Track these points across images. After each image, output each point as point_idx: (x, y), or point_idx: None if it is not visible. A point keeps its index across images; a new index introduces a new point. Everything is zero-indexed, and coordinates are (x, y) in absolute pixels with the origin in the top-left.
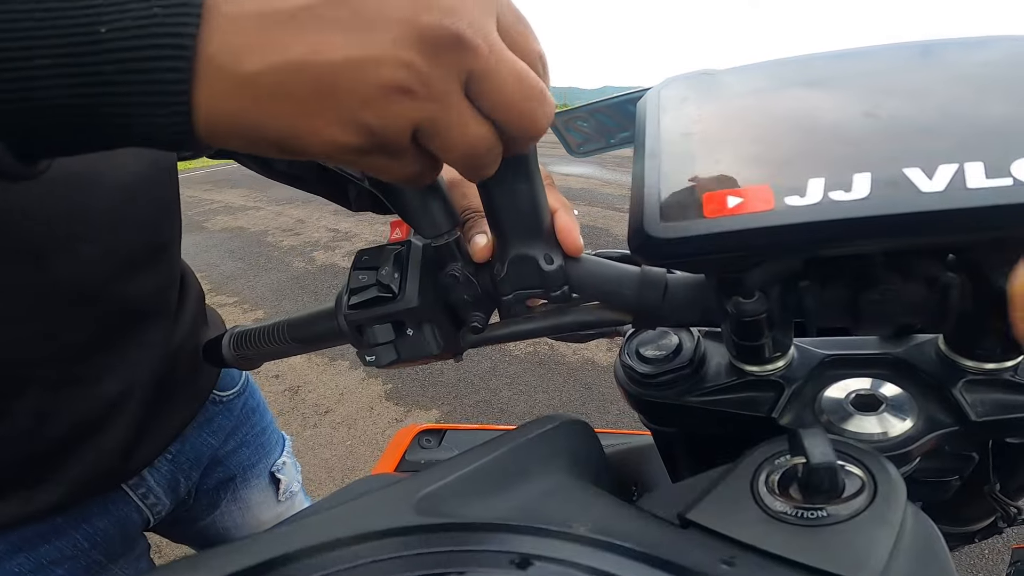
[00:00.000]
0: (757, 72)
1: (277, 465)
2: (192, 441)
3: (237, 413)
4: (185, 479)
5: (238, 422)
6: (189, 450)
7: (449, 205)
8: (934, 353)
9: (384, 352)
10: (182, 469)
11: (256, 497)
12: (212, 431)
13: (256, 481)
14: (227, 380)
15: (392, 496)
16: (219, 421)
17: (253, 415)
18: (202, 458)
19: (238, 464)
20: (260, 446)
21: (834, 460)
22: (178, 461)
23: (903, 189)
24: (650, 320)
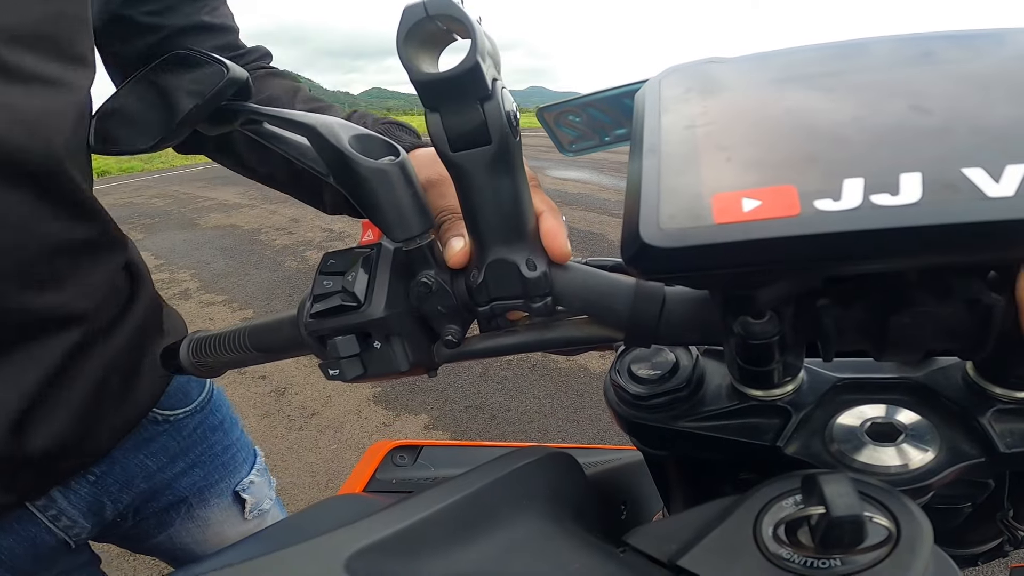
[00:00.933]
0: (772, 60)
1: (243, 484)
2: (123, 463)
3: (189, 433)
4: (112, 502)
5: (190, 442)
6: (119, 472)
7: (422, 204)
8: (960, 379)
9: (349, 366)
10: (108, 492)
11: (217, 516)
12: (151, 452)
13: (216, 500)
14: (176, 398)
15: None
16: (162, 442)
17: (212, 434)
18: (135, 480)
19: (190, 486)
20: (221, 465)
21: (860, 512)
22: (104, 483)
23: (964, 193)
24: (644, 339)
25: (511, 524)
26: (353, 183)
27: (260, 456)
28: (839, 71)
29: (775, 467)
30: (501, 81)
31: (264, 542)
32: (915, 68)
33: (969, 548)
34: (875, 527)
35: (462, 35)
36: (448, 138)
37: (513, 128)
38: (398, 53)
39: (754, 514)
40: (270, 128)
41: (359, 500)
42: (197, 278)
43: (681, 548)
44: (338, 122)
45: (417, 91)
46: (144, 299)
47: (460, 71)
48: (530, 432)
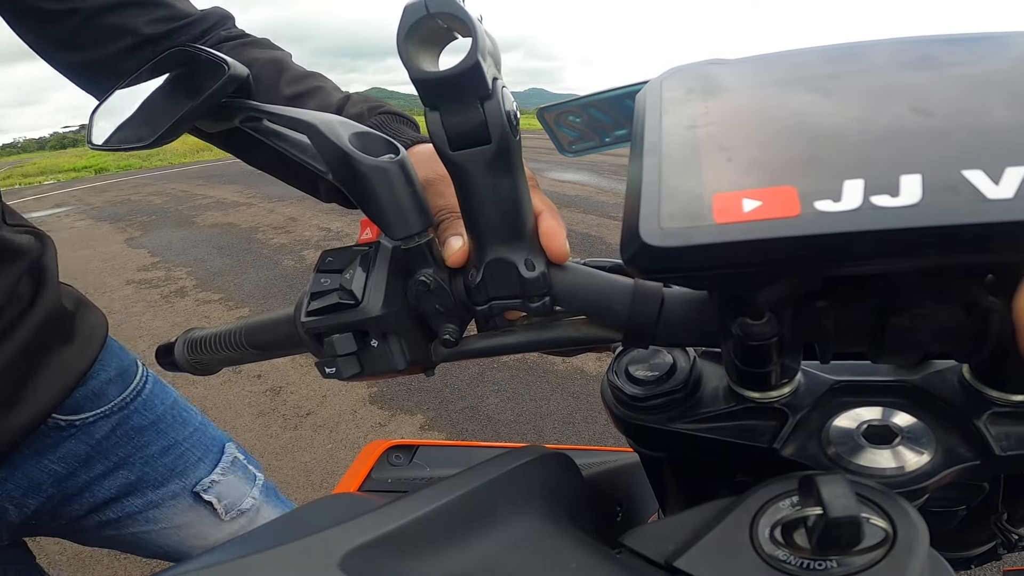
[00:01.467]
0: (774, 62)
1: (202, 484)
2: (24, 469)
3: (105, 436)
4: (16, 507)
5: (108, 445)
6: (20, 477)
7: (422, 203)
8: (957, 382)
9: (346, 364)
10: (10, 497)
11: (182, 517)
12: (57, 458)
13: (172, 503)
14: (85, 401)
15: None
16: (69, 446)
17: (140, 435)
18: (41, 485)
19: (120, 487)
20: (163, 467)
21: (857, 513)
22: (4, 488)
23: (964, 195)
24: (642, 339)
25: (507, 524)
26: (353, 181)
27: (229, 452)
28: (840, 73)
29: (771, 469)
30: (501, 80)
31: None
32: (916, 71)
33: (963, 551)
34: (872, 528)
35: (463, 34)
36: (448, 137)
37: (513, 128)
38: (398, 51)
39: (751, 515)
40: (270, 125)
41: (354, 499)
42: (193, 276)
43: (677, 549)
44: (338, 120)
45: (417, 89)
46: (46, 305)
47: (460, 70)
48: (526, 433)
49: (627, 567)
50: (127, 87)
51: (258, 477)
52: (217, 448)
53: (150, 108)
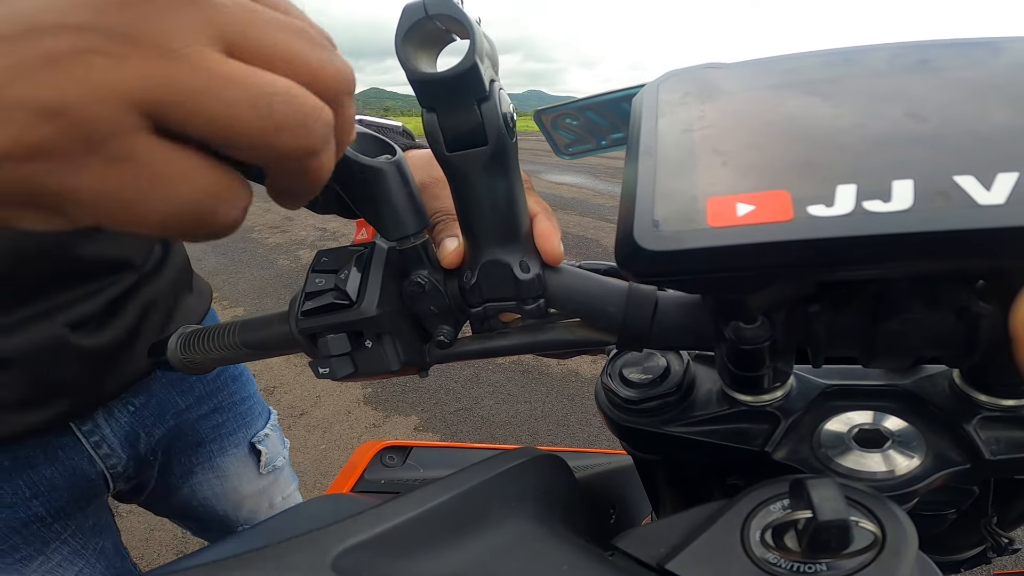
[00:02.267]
0: (770, 66)
1: (259, 436)
2: (159, 396)
3: (213, 378)
4: (146, 434)
5: (214, 387)
6: (155, 404)
7: (418, 204)
8: (947, 387)
9: (339, 364)
10: (144, 424)
11: (234, 467)
12: (182, 391)
13: (234, 450)
14: None
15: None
16: (191, 382)
17: (233, 383)
18: (166, 415)
19: (212, 429)
20: (239, 415)
21: (847, 517)
22: (141, 414)
23: (955, 201)
24: (636, 342)
25: (500, 525)
26: (349, 181)
27: (274, 415)
28: (835, 78)
29: (763, 472)
30: (499, 82)
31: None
32: (910, 76)
33: (953, 554)
34: (861, 532)
35: (461, 35)
36: (444, 138)
37: (509, 130)
38: (396, 52)
39: (742, 518)
40: None
41: (347, 500)
42: None
43: (669, 552)
44: None
45: (414, 90)
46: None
47: (458, 72)
48: (520, 435)
49: (619, 569)
50: None
51: (287, 442)
52: (266, 409)
53: None
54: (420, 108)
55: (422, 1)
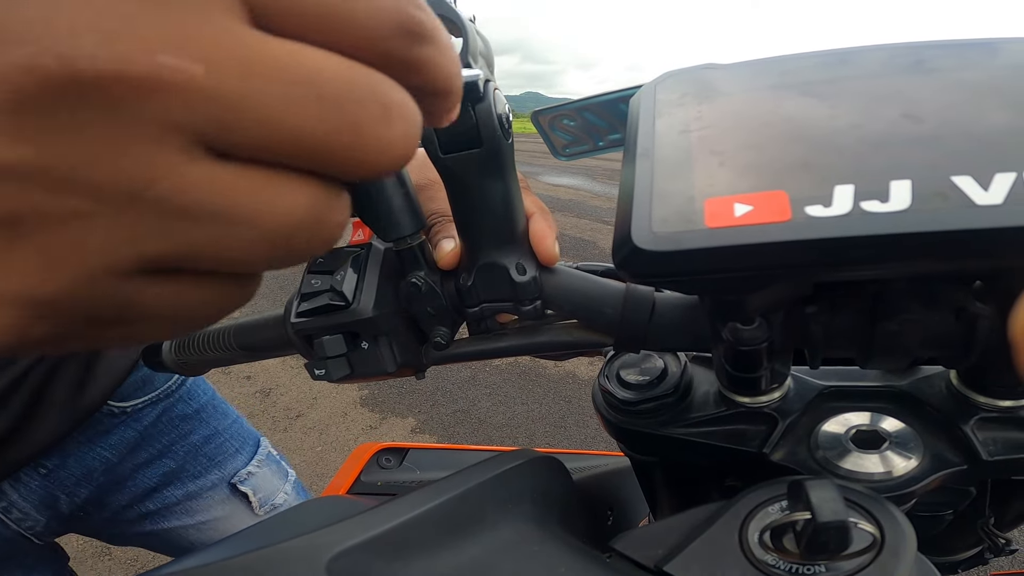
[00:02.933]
0: (767, 67)
1: (239, 476)
2: (77, 456)
3: (152, 422)
4: (67, 495)
5: (154, 431)
6: (73, 464)
7: (415, 206)
8: (944, 388)
9: (335, 366)
10: (62, 485)
11: (220, 511)
12: (109, 445)
13: (210, 494)
14: (133, 388)
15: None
16: (119, 433)
17: (184, 423)
18: (93, 473)
19: (161, 476)
20: (203, 456)
21: (846, 518)
22: (56, 477)
23: (953, 201)
24: (633, 344)
25: (496, 527)
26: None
27: (264, 446)
28: (833, 78)
29: (761, 474)
30: (494, 83)
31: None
32: (908, 76)
33: (950, 555)
34: (860, 533)
35: (455, 35)
36: (439, 140)
37: (505, 131)
38: None
39: (740, 520)
40: None
41: (342, 502)
42: None
43: (667, 554)
44: None
45: None
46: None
47: None
48: (517, 437)
49: (616, 571)
50: None
51: (290, 473)
52: (253, 441)
53: None
54: None
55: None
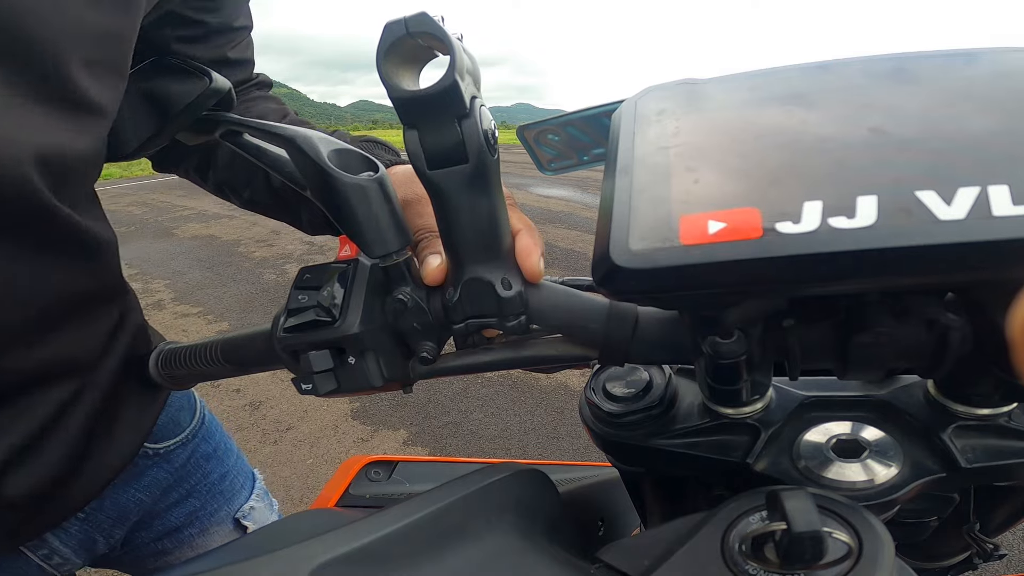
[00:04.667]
0: (744, 82)
1: (243, 511)
2: (114, 499)
3: (182, 464)
4: (105, 537)
5: (182, 474)
6: (110, 507)
7: (401, 222)
8: (922, 396)
9: (322, 381)
10: (100, 528)
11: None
12: (143, 486)
13: (216, 528)
14: (167, 430)
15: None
16: (153, 475)
17: (207, 463)
18: (129, 515)
19: (185, 515)
20: (219, 494)
21: (819, 528)
22: (95, 520)
23: (917, 217)
24: (618, 357)
25: (480, 539)
26: (331, 198)
27: (259, 480)
28: (805, 93)
29: (746, 483)
30: (480, 99)
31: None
32: (879, 90)
33: (939, 561)
34: (836, 542)
35: (442, 52)
36: (425, 156)
37: (491, 147)
38: (378, 69)
39: (722, 530)
40: (250, 139)
41: (329, 514)
42: (172, 288)
43: (652, 564)
44: (318, 135)
45: (395, 108)
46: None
47: (438, 89)
48: (510, 449)
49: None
50: None
51: (275, 503)
52: (250, 476)
53: (130, 118)
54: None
55: (403, 19)
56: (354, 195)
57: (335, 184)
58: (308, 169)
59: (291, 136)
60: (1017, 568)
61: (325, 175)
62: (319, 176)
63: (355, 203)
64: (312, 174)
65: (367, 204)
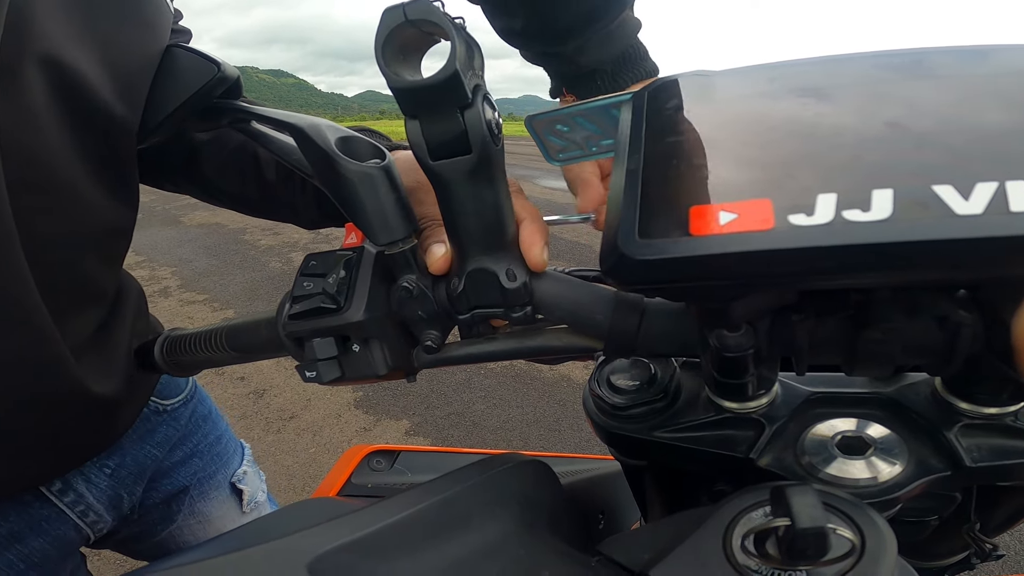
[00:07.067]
0: (756, 74)
1: (237, 475)
2: (133, 453)
3: (185, 422)
4: (128, 494)
5: (186, 431)
6: (130, 463)
7: (407, 209)
8: (929, 394)
9: (326, 368)
10: (124, 484)
11: (216, 510)
12: (156, 443)
13: (215, 493)
14: (170, 387)
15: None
16: (163, 431)
17: (204, 423)
18: (145, 471)
19: (190, 475)
20: (216, 456)
21: (824, 524)
22: (119, 475)
23: (933, 211)
24: (623, 350)
25: (481, 530)
26: (337, 185)
27: (248, 448)
28: (819, 86)
29: (749, 479)
30: (484, 87)
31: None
32: (894, 84)
33: (937, 560)
34: (840, 539)
35: (444, 38)
36: (428, 146)
37: (494, 136)
38: (376, 58)
39: (724, 525)
40: (257, 127)
41: (330, 503)
42: (178, 276)
43: (652, 558)
44: (325, 123)
45: (396, 98)
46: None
47: (438, 79)
48: (512, 440)
49: (600, 575)
50: None
51: (262, 475)
52: (239, 444)
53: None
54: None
55: (401, 5)
56: (360, 182)
57: (341, 171)
58: (315, 156)
59: (298, 124)
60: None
61: (332, 162)
62: (325, 163)
63: (361, 190)
64: (319, 161)
65: (373, 191)
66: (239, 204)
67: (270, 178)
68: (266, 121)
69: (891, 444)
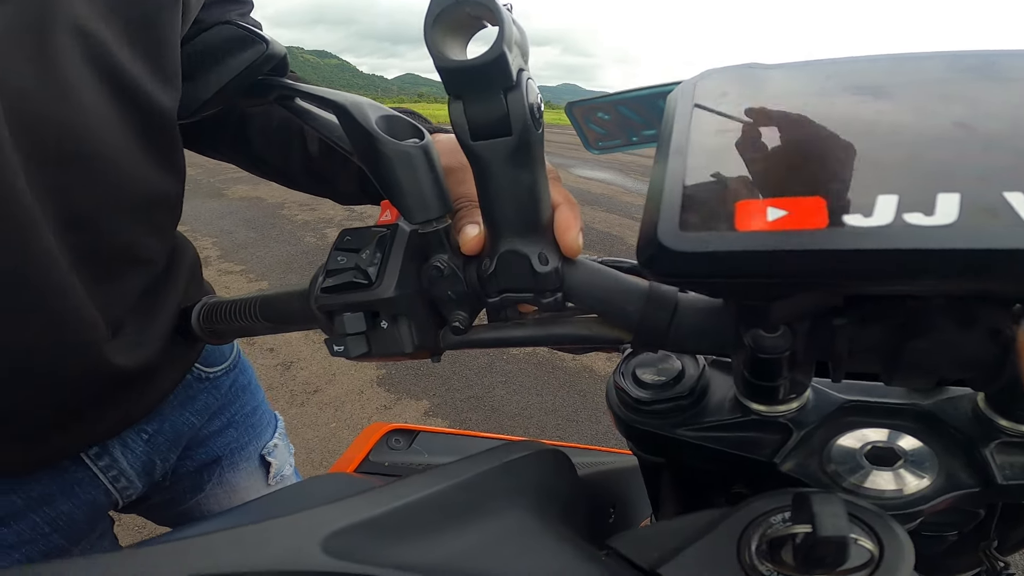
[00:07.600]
0: (813, 69)
1: (268, 448)
2: (172, 420)
3: (225, 391)
4: (162, 461)
5: (226, 401)
6: (168, 430)
7: (442, 189)
8: (969, 410)
9: (354, 343)
10: (159, 451)
11: (244, 481)
12: (196, 410)
13: (245, 464)
14: (215, 355)
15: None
16: (203, 399)
17: (243, 393)
18: (181, 438)
19: (224, 445)
20: (250, 427)
21: (847, 533)
22: (155, 442)
23: (1003, 219)
24: (652, 343)
25: (496, 516)
26: (376, 162)
27: (281, 421)
28: (882, 84)
29: (769, 483)
30: (527, 72)
31: (246, 514)
32: (961, 85)
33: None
34: (859, 549)
35: (491, 22)
36: (469, 127)
37: (536, 120)
38: (425, 38)
39: (741, 528)
40: (301, 104)
41: (347, 480)
42: (218, 246)
43: (663, 556)
44: (367, 102)
45: (441, 77)
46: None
47: (485, 60)
48: (529, 427)
49: (610, 570)
50: None
51: (291, 447)
52: (273, 415)
53: (189, 83)
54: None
55: None
56: (399, 160)
57: (381, 149)
58: (356, 134)
59: (341, 102)
60: None
61: (372, 140)
62: (366, 141)
63: (399, 168)
64: (359, 139)
65: (411, 170)
66: (282, 177)
67: (313, 153)
68: (310, 98)
69: (922, 457)
